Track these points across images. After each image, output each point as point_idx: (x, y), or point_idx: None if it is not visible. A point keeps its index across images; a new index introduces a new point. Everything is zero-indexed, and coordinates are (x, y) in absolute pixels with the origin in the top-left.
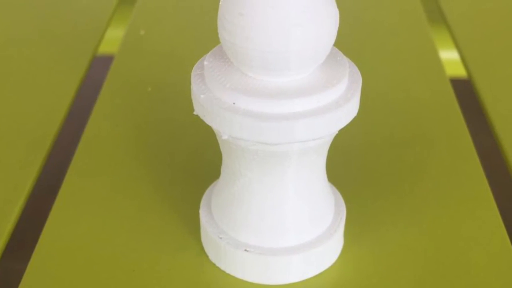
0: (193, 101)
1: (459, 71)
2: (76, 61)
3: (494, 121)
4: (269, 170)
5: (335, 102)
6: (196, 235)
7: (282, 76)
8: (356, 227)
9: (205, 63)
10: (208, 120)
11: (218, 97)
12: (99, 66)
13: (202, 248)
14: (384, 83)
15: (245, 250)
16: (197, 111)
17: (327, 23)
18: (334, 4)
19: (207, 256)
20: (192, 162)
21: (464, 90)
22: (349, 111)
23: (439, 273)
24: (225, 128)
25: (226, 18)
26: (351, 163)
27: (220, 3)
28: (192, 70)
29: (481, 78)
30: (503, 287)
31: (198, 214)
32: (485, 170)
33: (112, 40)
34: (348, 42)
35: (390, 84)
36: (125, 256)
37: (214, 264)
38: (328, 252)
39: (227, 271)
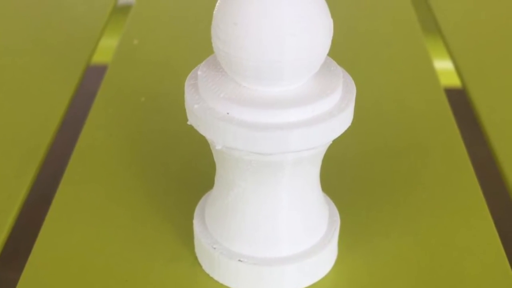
0: (187, 111)
1: (454, 81)
2: (69, 71)
3: (489, 131)
4: (263, 180)
5: (329, 112)
6: (189, 245)
7: (276, 86)
8: (350, 237)
9: (199, 73)
10: (202, 130)
11: (212, 107)
12: (93, 75)
13: (195, 258)
14: (378, 93)
15: (239, 260)
16: (191, 121)
17: (321, 32)
18: (328, 14)
19: (200, 267)
20: (185, 172)
21: (459, 100)
22: (343, 121)
23: (434, 283)
24: (219, 138)
25: (220, 27)
26: (345, 173)
27: (214, 12)
28: (186, 80)
29: (476, 88)
30: None
31: (191, 224)
32: (480, 180)
33: (106, 49)
34: (342, 52)
35: (384, 94)
36: (118, 266)
37: (207, 275)
38: (322, 262)
39: (221, 281)
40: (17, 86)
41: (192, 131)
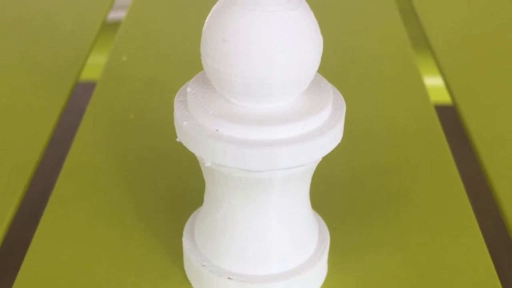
0: (176, 128)
1: (444, 98)
2: (58, 88)
3: (479, 148)
4: (252, 197)
5: (319, 129)
6: (179, 262)
7: (265, 103)
8: (340, 254)
9: (188, 89)
10: (191, 147)
11: (201, 124)
12: (82, 92)
13: (185, 276)
14: (368, 110)
15: (228, 277)
16: (180, 138)
17: (311, 49)
18: (318, 30)
19: (190, 284)
20: (175, 189)
21: (449, 116)
22: (333, 138)
23: None
24: (208, 155)
25: (209, 44)
26: (335, 190)
27: (203, 29)
28: (175, 97)
29: (466, 104)
30: None
31: (181, 241)
32: (470, 197)
33: (95, 66)
34: (332, 69)
35: (374, 110)
36: (107, 284)
37: None
38: (311, 279)
39: None
40: (5, 103)
41: (181, 148)
